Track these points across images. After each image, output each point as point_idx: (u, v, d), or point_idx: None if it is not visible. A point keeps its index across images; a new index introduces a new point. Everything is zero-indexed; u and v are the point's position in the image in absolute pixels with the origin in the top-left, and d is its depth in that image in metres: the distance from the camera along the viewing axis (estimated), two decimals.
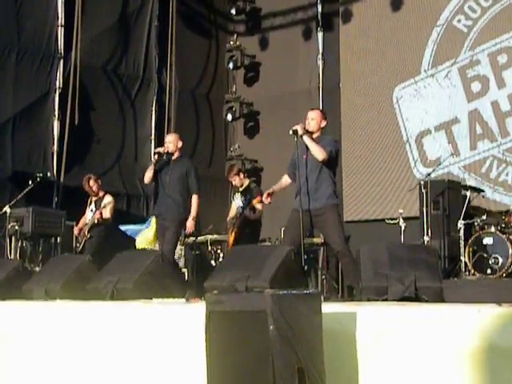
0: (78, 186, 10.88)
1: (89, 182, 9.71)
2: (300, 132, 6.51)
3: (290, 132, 6.52)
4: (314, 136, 6.70)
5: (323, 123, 6.76)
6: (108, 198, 9.59)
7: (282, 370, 3.57)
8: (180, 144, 7.90)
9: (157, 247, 8.98)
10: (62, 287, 6.33)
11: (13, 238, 9.27)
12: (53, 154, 11.03)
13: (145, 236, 10.17)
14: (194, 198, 7.82)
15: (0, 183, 10.08)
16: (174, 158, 7.85)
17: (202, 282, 5.75)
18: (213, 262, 9.01)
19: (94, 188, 9.69)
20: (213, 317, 3.86)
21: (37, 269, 8.81)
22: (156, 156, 7.84)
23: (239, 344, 3.74)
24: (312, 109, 6.90)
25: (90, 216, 9.56)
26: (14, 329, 5.85)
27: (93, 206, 9.60)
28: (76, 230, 9.53)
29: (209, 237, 10.04)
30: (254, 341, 3.67)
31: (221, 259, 9.45)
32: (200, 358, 3.99)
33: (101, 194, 9.73)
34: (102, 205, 9.47)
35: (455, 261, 8.81)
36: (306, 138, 6.54)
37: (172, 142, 7.87)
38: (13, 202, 9.25)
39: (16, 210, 9.25)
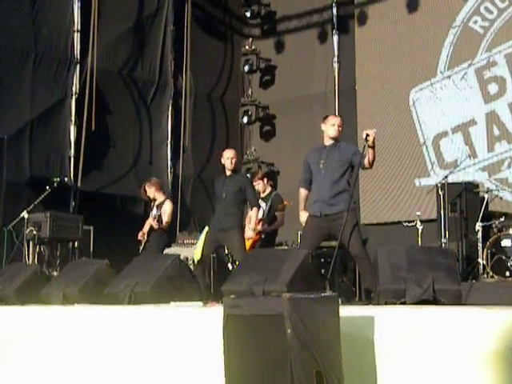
0: (94, 190, 10.95)
1: (144, 189, 9.62)
2: (371, 143, 6.36)
3: (364, 135, 6.40)
4: (333, 142, 6.68)
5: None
6: (168, 205, 9.39)
7: (300, 373, 3.57)
8: (237, 160, 7.90)
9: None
10: (80, 291, 6.34)
11: (31, 243, 9.31)
12: (70, 158, 11.06)
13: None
14: (254, 212, 7.90)
15: (17, 188, 10.11)
16: (229, 173, 7.84)
17: (219, 285, 5.74)
18: (230, 266, 8.99)
19: (149, 194, 9.52)
20: (230, 321, 3.86)
21: (55, 273, 8.85)
22: None
23: (257, 348, 3.73)
24: (338, 115, 6.82)
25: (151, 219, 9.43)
26: (32, 333, 5.87)
27: (155, 210, 9.46)
28: (140, 234, 9.32)
29: None
30: (272, 345, 3.67)
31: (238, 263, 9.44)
32: (218, 362, 3.99)
33: (161, 198, 9.51)
34: (163, 211, 9.26)
35: (473, 263, 8.77)
36: (372, 150, 6.46)
37: (230, 157, 7.86)
38: (30, 207, 9.29)
39: (34, 215, 9.28)
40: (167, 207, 9.32)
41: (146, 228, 9.33)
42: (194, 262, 7.98)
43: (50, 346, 5.68)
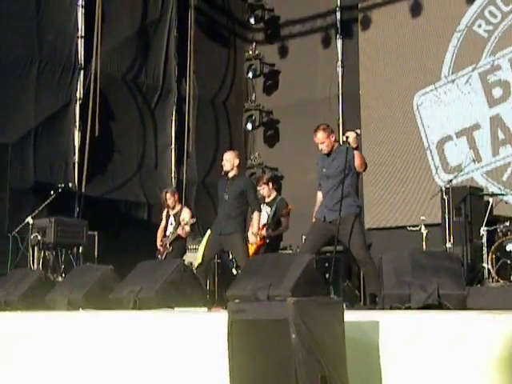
0: (99, 195, 10.96)
1: (166, 195, 9.60)
2: (353, 144, 6.38)
3: (344, 138, 6.44)
4: (333, 151, 6.70)
5: (333, 138, 6.74)
6: (186, 213, 9.38)
7: (304, 378, 3.56)
8: (237, 162, 7.79)
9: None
10: (85, 297, 6.34)
11: (35, 249, 9.31)
12: (74, 164, 11.09)
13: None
14: (256, 216, 7.79)
15: (22, 194, 10.12)
16: (231, 175, 7.80)
17: (223, 290, 5.74)
18: (234, 271, 8.98)
19: (170, 202, 9.47)
20: (235, 325, 3.86)
21: (59, 279, 8.84)
22: None
23: (261, 353, 3.73)
24: (315, 131, 6.79)
25: (170, 229, 9.39)
26: (37, 338, 5.88)
27: (172, 219, 9.41)
28: (158, 244, 9.35)
29: None
30: (277, 349, 3.66)
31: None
32: (222, 366, 3.99)
33: (178, 207, 9.51)
34: (182, 219, 9.22)
35: (478, 268, 8.75)
36: (356, 152, 6.48)
37: (228, 160, 7.80)
38: (35, 213, 9.30)
39: (38, 221, 9.29)
40: (185, 215, 9.30)
41: (160, 236, 9.34)
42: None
43: (55, 351, 5.68)
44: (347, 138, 6.38)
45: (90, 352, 5.44)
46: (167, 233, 9.39)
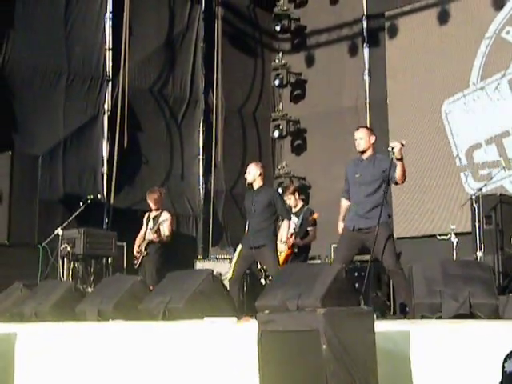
0: (128, 206, 11.02)
1: (161, 194, 9.63)
2: (397, 155, 6.30)
3: (389, 148, 6.37)
4: (368, 154, 6.65)
5: (372, 139, 6.70)
6: (165, 215, 9.42)
7: None
8: (257, 173, 7.67)
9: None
10: (115, 307, 6.37)
11: (65, 260, 9.38)
12: (103, 175, 11.17)
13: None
14: (285, 224, 7.81)
15: (52, 205, 10.22)
16: (256, 187, 7.75)
17: (252, 300, 5.73)
18: (263, 281, 8.96)
19: (157, 201, 9.53)
20: (265, 336, 3.84)
21: (89, 289, 8.89)
22: None
23: (292, 363, 3.71)
24: (357, 128, 6.81)
25: (149, 233, 9.43)
26: (68, 349, 5.90)
27: (151, 223, 9.48)
28: (135, 249, 9.41)
29: None
30: (307, 360, 3.64)
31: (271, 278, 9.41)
32: (252, 378, 3.97)
33: (159, 210, 9.55)
34: (160, 221, 9.31)
35: (510, 276, 8.65)
36: (400, 163, 6.43)
37: (249, 172, 7.81)
38: (65, 224, 9.36)
39: (68, 232, 9.36)
40: (163, 218, 9.34)
41: (138, 242, 9.41)
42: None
43: (86, 362, 5.70)
44: (392, 148, 6.30)
45: (120, 362, 5.45)
46: (146, 236, 9.42)
